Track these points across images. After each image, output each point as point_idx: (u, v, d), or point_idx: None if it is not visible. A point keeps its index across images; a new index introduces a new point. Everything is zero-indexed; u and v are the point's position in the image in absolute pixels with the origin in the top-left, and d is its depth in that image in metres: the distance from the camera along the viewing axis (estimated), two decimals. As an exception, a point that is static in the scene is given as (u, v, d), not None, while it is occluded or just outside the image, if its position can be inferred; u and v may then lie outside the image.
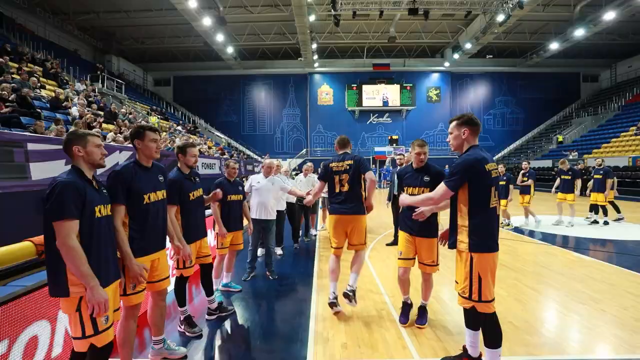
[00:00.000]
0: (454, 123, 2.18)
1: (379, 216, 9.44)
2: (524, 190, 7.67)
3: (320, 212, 7.73)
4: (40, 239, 3.48)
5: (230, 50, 22.92)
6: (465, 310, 2.15)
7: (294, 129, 27.94)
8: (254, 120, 28.04)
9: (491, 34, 20.06)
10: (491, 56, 26.68)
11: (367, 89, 26.95)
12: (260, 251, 4.93)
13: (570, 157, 18.39)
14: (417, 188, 2.86)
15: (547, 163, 20.77)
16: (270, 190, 4.40)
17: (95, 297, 1.66)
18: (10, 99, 7.44)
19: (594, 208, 8.07)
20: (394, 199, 5.91)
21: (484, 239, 2.02)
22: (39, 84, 9.87)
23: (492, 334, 2.06)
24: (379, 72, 26.95)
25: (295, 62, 26.39)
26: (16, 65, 10.29)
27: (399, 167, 5.97)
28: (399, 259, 2.98)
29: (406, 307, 3.09)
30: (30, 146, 4.76)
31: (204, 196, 3.18)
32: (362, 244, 3.31)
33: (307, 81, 27.41)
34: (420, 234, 2.87)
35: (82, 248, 1.65)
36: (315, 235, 6.95)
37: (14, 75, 9.13)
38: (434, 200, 2.19)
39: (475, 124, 2.13)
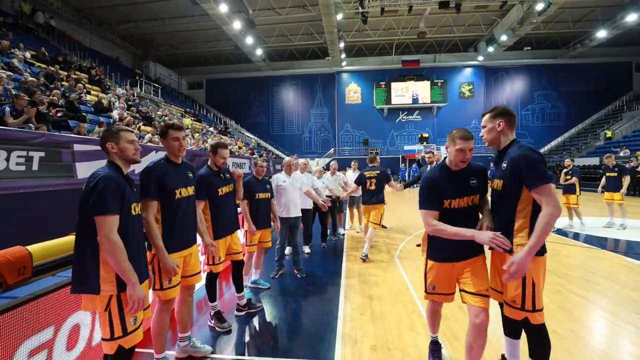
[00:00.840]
0: (487, 115, 2.01)
1: (410, 217, 9.21)
2: (569, 190, 7.13)
3: (347, 211, 7.65)
4: (84, 234, 3.71)
5: (259, 52, 23.38)
6: (507, 318, 1.94)
7: (321, 129, 27.99)
8: (282, 120, 28.41)
9: (529, 25, 18.89)
10: (529, 48, 25.14)
11: (396, 86, 26.40)
12: (288, 249, 4.95)
13: (621, 153, 16.91)
14: (464, 198, 2.01)
15: (594, 161, 19.25)
16: (295, 187, 4.41)
17: (137, 293, 1.68)
18: (60, 104, 8.04)
19: None
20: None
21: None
22: (84, 90, 10.58)
23: (541, 345, 1.85)
24: (408, 68, 26.30)
25: (323, 62, 26.41)
26: (65, 73, 11.10)
27: (427, 166, 5.78)
28: (429, 293, 2.20)
29: (436, 346, 2.43)
30: (76, 147, 5.09)
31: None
32: (374, 223, 5.01)
33: (335, 80, 27.33)
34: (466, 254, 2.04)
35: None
36: (343, 235, 6.89)
37: (63, 82, 9.85)
38: (558, 213, 1.71)
39: (511, 114, 1.95)
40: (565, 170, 7.23)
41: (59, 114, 7.39)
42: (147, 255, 2.06)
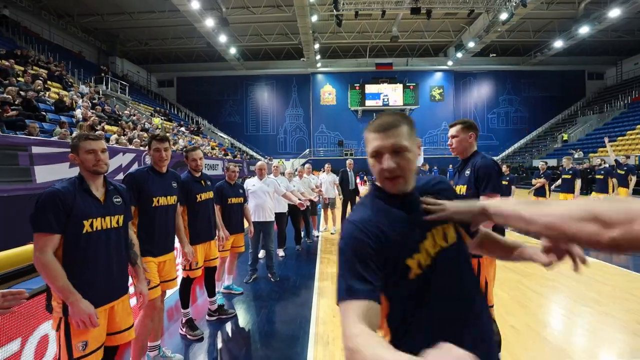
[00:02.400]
0: (458, 127, 2.16)
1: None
2: (539, 192, 7.57)
3: (322, 213, 7.74)
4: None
5: (233, 51, 22.98)
6: None
7: (296, 129, 27.96)
8: (257, 120, 28.10)
9: (494, 33, 19.92)
10: (494, 55, 26.49)
11: (369, 88, 26.89)
12: (261, 253, 4.94)
13: (576, 155, 18.22)
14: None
15: (552, 162, 20.60)
16: (266, 192, 4.42)
17: (77, 312, 1.51)
18: (15, 102, 7.52)
19: None
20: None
21: None
22: (43, 87, 9.96)
23: None
24: (381, 71, 26.88)
25: (298, 63, 26.39)
26: (22, 68, 10.40)
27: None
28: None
29: None
30: (35, 149, 4.80)
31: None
32: None
33: (310, 81, 27.41)
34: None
35: (68, 262, 1.55)
36: (317, 237, 6.95)
37: (19, 78, 9.22)
38: None
39: (478, 128, 2.18)
40: (541, 172, 7.68)
41: (14, 113, 6.92)
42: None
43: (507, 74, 27.36)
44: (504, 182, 6.51)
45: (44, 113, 8.00)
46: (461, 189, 2.10)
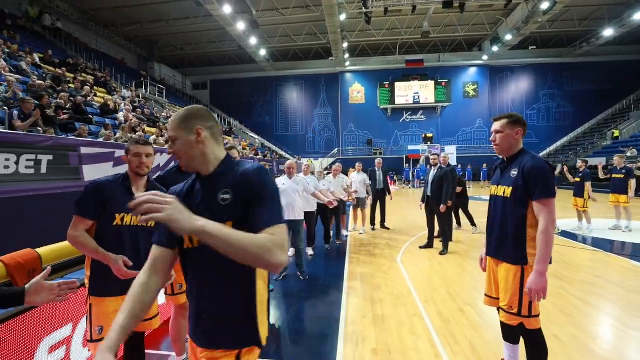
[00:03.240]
0: (504, 121, 1.96)
1: (413, 218, 9.22)
2: (578, 192, 6.99)
3: (351, 212, 7.67)
4: (91, 236, 3.78)
5: (263, 52, 23.46)
6: (504, 324, 1.95)
7: (325, 129, 28.01)
8: (286, 120, 28.47)
9: (534, 24, 18.74)
10: (534, 47, 24.93)
11: (399, 86, 26.34)
12: (290, 251, 4.99)
13: (629, 153, 16.73)
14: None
15: (600, 161, 19.09)
16: (296, 190, 4.45)
17: (115, 267, 1.70)
18: (67, 106, 8.15)
19: None
20: (427, 200, 5.74)
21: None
22: (91, 92, 10.71)
23: (538, 351, 1.88)
24: (412, 68, 26.23)
25: (327, 62, 26.43)
26: (72, 76, 11.25)
27: (431, 168, 5.79)
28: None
29: None
30: (83, 150, 5.17)
31: None
32: None
33: (339, 80, 27.33)
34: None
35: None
36: (346, 237, 6.91)
37: (70, 85, 9.99)
38: (552, 227, 1.78)
39: (526, 124, 1.98)
40: (579, 172, 7.11)
41: (65, 117, 7.50)
42: None
43: (548, 67, 25.68)
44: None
45: (91, 116, 8.61)
46: (505, 190, 1.93)
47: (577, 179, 7.03)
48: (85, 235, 1.75)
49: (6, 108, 5.65)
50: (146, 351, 2.59)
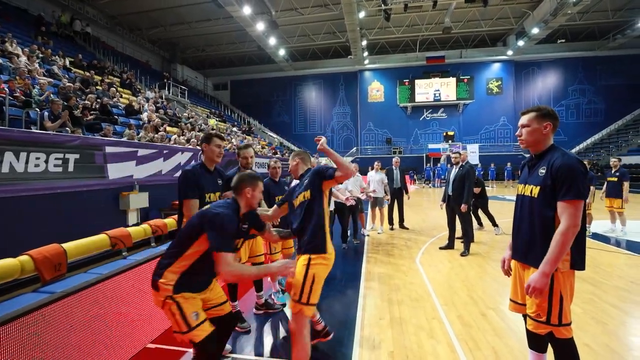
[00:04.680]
0: (532, 115, 1.83)
1: (433, 217, 9.01)
2: (614, 192, 6.54)
3: (369, 211, 7.57)
4: (114, 232, 3.91)
5: (282, 52, 23.63)
6: (531, 332, 1.82)
7: (344, 128, 27.89)
8: (305, 119, 28.57)
9: (563, 16, 17.87)
10: (563, 40, 23.80)
11: (420, 83, 25.84)
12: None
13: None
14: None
15: (636, 159, 18.01)
16: None
17: (278, 269, 1.98)
18: (94, 107, 8.49)
19: None
20: (448, 200, 5.58)
21: (583, 254, 1.72)
22: (116, 94, 11.12)
23: None
24: (433, 65, 25.66)
25: (345, 60, 26.30)
26: (99, 78, 11.72)
27: (453, 167, 5.61)
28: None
29: None
30: (108, 149, 5.36)
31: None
32: None
33: (357, 79, 27.14)
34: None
35: None
36: (365, 236, 6.83)
37: (97, 87, 10.41)
38: (576, 231, 1.65)
39: (557, 118, 1.83)
40: (613, 170, 6.67)
41: (92, 117, 7.81)
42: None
43: (578, 61, 24.47)
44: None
45: (116, 116, 8.93)
46: (533, 190, 1.79)
47: (614, 179, 6.59)
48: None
49: (38, 110, 5.93)
50: (165, 347, 2.65)
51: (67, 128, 5.82)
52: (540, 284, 1.64)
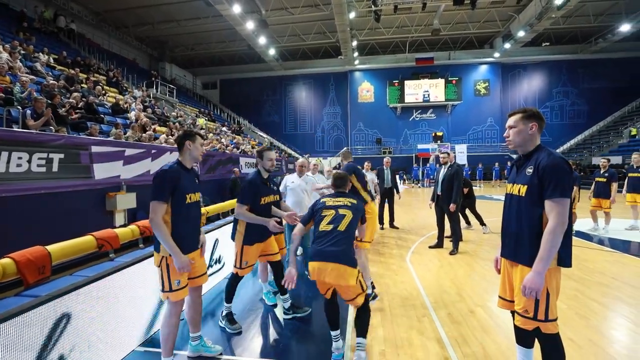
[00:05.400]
0: (518, 116, 1.89)
1: (422, 217, 9.11)
2: (603, 193, 6.74)
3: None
4: (101, 233, 3.83)
5: (272, 52, 23.51)
6: (519, 328, 1.86)
7: (334, 128, 27.95)
8: (295, 119, 28.51)
9: (548, 20, 18.31)
10: (548, 44, 24.39)
11: (409, 84, 26.10)
12: (299, 250, 4.97)
13: (646, 152, 16.21)
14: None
15: (617, 159, 18.55)
16: (304, 189, 4.41)
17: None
18: (79, 106, 8.29)
19: None
20: (437, 199, 5.65)
21: (569, 251, 1.76)
22: (103, 92, 10.88)
23: (556, 356, 1.79)
24: (422, 66, 25.94)
25: (336, 61, 26.37)
26: (85, 76, 11.45)
27: (442, 167, 5.69)
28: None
29: None
30: (94, 149, 5.25)
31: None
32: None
33: (348, 79, 27.22)
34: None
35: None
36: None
37: (82, 85, 10.16)
38: (563, 229, 1.69)
39: (543, 118, 1.87)
40: (602, 171, 6.85)
41: (78, 116, 7.62)
42: (157, 257, 2.28)
43: (562, 64, 25.10)
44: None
45: (102, 115, 8.74)
46: (520, 189, 1.83)
47: (603, 179, 6.78)
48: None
49: (20, 108, 5.76)
50: (154, 350, 2.61)
51: (50, 127, 5.67)
52: (535, 284, 1.68)
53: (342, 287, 2.37)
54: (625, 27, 19.45)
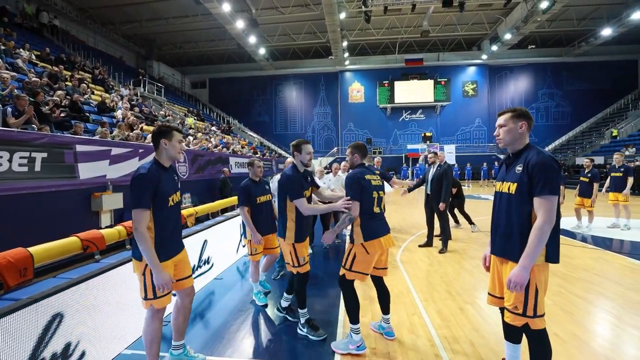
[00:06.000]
0: (507, 115, 1.92)
1: (412, 216, 9.19)
2: (586, 192, 6.91)
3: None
4: (86, 234, 3.74)
5: (262, 51, 23.39)
6: (508, 324, 1.89)
7: (324, 128, 27.97)
8: (285, 119, 28.42)
9: (533, 23, 18.73)
10: (533, 46, 24.94)
11: (399, 85, 26.32)
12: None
13: (627, 152, 16.75)
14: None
15: (599, 160, 19.08)
16: None
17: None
18: (63, 104, 8.08)
19: None
20: (427, 199, 5.70)
21: (557, 248, 1.81)
22: (88, 90, 10.63)
23: (543, 351, 1.83)
24: (411, 67, 26.19)
25: (326, 61, 26.39)
26: (69, 73, 11.16)
27: (430, 167, 5.76)
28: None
29: None
30: (79, 148, 5.12)
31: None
32: None
33: (338, 79, 27.28)
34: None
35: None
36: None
37: (67, 83, 9.91)
38: (550, 227, 1.74)
39: (531, 118, 1.92)
40: (586, 171, 7.02)
41: (62, 115, 7.43)
42: (139, 265, 2.11)
43: (547, 66, 25.70)
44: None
45: (87, 114, 8.54)
46: (510, 187, 1.86)
47: (586, 179, 6.96)
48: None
49: (0, 105, 5.58)
50: (141, 352, 2.55)
51: (33, 125, 5.51)
52: (520, 278, 1.71)
53: (385, 253, 2.77)
54: (606, 32, 20.04)
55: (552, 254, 1.79)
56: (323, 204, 2.98)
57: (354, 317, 2.56)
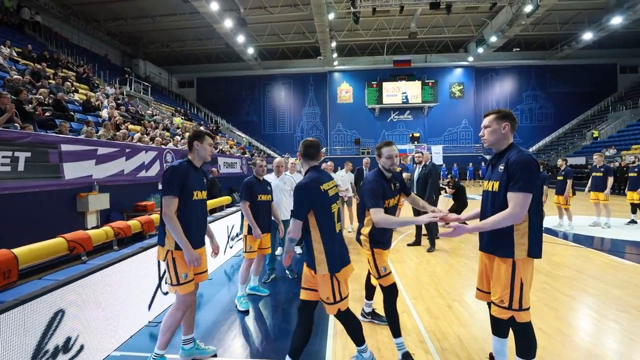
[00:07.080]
0: (492, 116, 2.00)
1: (400, 216, 9.28)
2: (560, 190, 7.18)
3: (346, 211, 7.54)
4: (72, 235, 3.66)
5: (250, 51, 23.24)
6: (495, 318, 1.96)
7: (313, 128, 27.98)
8: (274, 119, 28.32)
9: (518, 26, 19.20)
10: (518, 49, 25.56)
11: (387, 86, 26.55)
12: (278, 250, 4.94)
13: (607, 153, 17.33)
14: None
15: (580, 160, 19.68)
16: (282, 189, 4.40)
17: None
18: (47, 103, 7.87)
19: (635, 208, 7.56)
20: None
21: (539, 243, 1.87)
22: (72, 88, 10.37)
23: (528, 343, 1.90)
24: (399, 68, 26.47)
25: (315, 61, 26.41)
26: (53, 71, 10.87)
27: (416, 166, 5.84)
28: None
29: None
30: (64, 147, 5.00)
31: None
32: None
33: (327, 80, 27.34)
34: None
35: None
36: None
37: (50, 81, 9.64)
38: (515, 221, 1.80)
39: (515, 119, 1.99)
40: (561, 170, 7.29)
41: (46, 113, 7.24)
42: (162, 251, 2.33)
43: (531, 69, 26.37)
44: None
45: (72, 113, 8.33)
46: (494, 184, 1.94)
47: (560, 178, 7.20)
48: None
49: (-20, 103, 5.39)
50: (131, 354, 2.52)
51: (15, 124, 5.35)
52: (456, 233, 1.88)
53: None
54: (587, 36, 20.70)
55: (534, 250, 1.86)
56: (396, 218, 2.51)
57: (360, 340, 2.33)
